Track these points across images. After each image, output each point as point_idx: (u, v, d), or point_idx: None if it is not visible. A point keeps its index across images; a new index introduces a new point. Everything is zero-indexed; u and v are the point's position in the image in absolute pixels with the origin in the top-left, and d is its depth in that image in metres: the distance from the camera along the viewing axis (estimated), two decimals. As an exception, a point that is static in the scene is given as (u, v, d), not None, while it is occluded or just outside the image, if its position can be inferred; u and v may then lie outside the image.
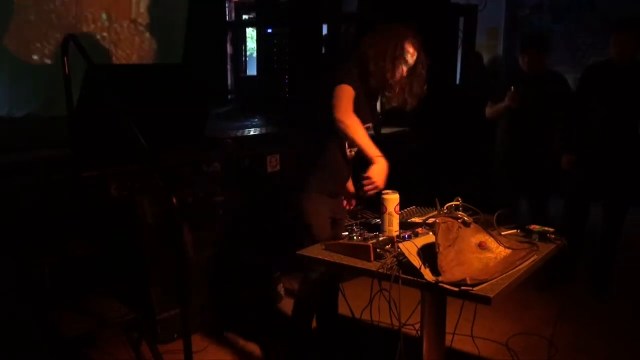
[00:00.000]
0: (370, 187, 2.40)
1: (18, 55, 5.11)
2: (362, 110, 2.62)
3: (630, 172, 3.81)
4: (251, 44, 7.52)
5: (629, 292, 4.05)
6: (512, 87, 3.95)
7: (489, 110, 4.26)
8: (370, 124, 2.78)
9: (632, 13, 4.29)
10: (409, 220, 2.48)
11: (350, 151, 2.78)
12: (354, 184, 2.93)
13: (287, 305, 3.82)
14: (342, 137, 2.61)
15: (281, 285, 3.92)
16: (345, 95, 2.52)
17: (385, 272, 2.00)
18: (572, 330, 3.36)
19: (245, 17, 7.63)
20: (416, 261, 1.97)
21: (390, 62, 2.59)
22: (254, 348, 3.28)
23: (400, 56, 2.60)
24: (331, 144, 2.73)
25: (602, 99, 3.78)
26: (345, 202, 2.99)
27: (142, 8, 5.99)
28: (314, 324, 3.01)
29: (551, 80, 4.09)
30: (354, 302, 2.91)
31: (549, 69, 4.19)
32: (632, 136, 3.75)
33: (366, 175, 2.41)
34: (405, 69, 2.64)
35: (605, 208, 3.96)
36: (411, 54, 2.63)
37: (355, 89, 2.55)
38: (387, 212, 2.33)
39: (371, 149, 2.47)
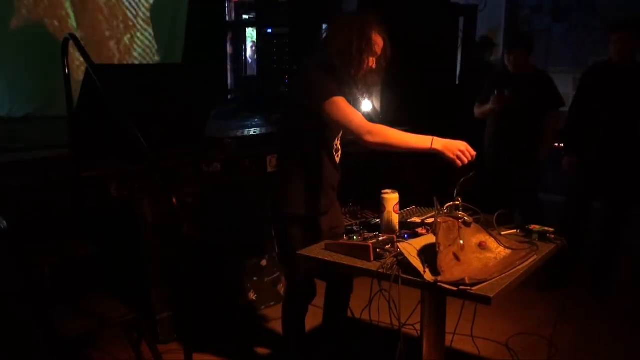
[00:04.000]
0: (468, 159, 2.26)
1: (18, 57, 5.11)
2: None
3: (630, 173, 3.81)
4: (251, 43, 7.52)
5: (629, 292, 4.05)
6: (496, 91, 3.96)
7: (477, 111, 4.28)
8: None
9: (632, 13, 4.29)
10: (408, 220, 2.48)
11: (337, 156, 2.63)
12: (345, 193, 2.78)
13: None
14: (329, 145, 2.50)
15: (281, 285, 3.92)
16: (345, 108, 2.33)
17: (385, 272, 1.99)
18: (572, 330, 3.36)
19: (245, 17, 7.64)
20: (416, 261, 1.97)
21: (358, 56, 2.39)
22: (255, 348, 3.28)
23: (367, 48, 2.40)
24: (317, 151, 2.53)
25: (602, 100, 3.78)
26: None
27: (143, 8, 6.00)
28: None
29: (536, 80, 4.08)
30: (354, 302, 2.91)
31: (534, 69, 4.19)
32: (632, 137, 3.75)
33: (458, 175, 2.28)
34: (373, 60, 2.45)
35: (605, 208, 3.96)
36: (378, 44, 2.44)
37: (340, 94, 2.36)
38: (386, 212, 2.33)
39: (422, 143, 2.26)
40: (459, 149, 2.27)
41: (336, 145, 2.60)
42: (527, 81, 4.02)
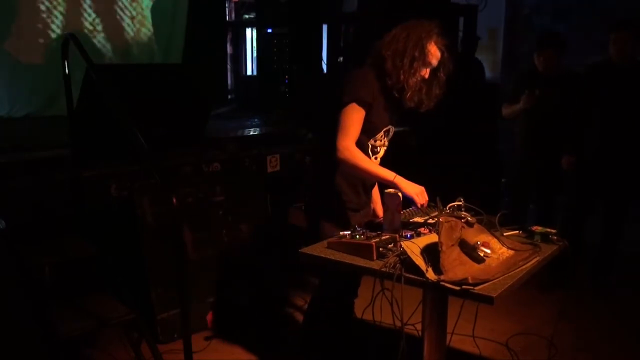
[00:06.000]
0: (423, 204, 2.40)
1: (18, 58, 5.12)
2: (381, 116, 2.52)
3: (630, 172, 3.81)
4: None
5: (629, 292, 4.05)
6: (526, 90, 3.91)
7: (505, 111, 4.21)
8: (389, 127, 2.62)
9: (632, 13, 4.28)
10: (411, 220, 2.47)
11: (375, 158, 2.62)
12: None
13: (287, 305, 3.82)
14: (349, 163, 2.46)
15: (281, 285, 3.91)
16: (353, 119, 2.40)
17: (387, 271, 1.99)
18: (572, 330, 3.36)
19: (245, 17, 7.64)
20: (418, 260, 1.97)
21: (409, 63, 2.40)
22: (254, 348, 3.28)
23: (421, 58, 2.40)
24: None
25: (602, 100, 3.78)
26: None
27: (143, 8, 5.99)
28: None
29: (567, 80, 4.02)
30: (355, 301, 2.90)
31: (565, 69, 4.12)
32: (632, 136, 3.75)
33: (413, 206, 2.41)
34: (426, 71, 2.45)
35: (605, 208, 3.96)
36: (434, 55, 2.43)
37: (368, 101, 2.41)
38: (389, 211, 2.32)
39: (387, 175, 2.40)
40: (418, 190, 2.41)
41: (372, 145, 2.58)
42: (557, 82, 3.96)
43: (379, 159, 2.64)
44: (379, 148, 2.62)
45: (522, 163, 4.22)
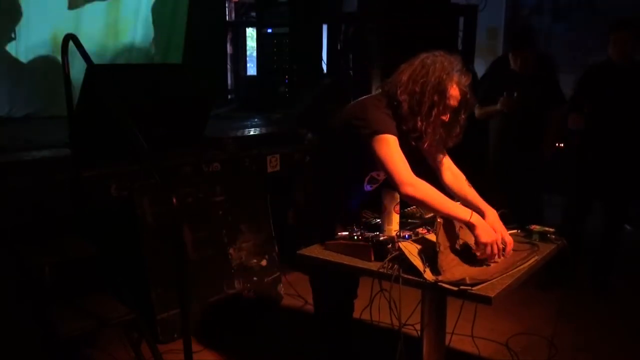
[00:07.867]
0: (492, 258, 2.05)
1: (18, 58, 5.13)
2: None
3: (630, 173, 3.81)
4: (251, 43, 7.53)
5: (629, 292, 4.05)
6: (505, 93, 3.89)
7: (478, 112, 4.18)
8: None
9: (632, 13, 4.28)
10: (409, 220, 2.48)
11: (372, 187, 2.51)
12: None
13: (286, 305, 3.82)
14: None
15: (281, 285, 3.92)
16: (394, 150, 2.13)
17: (385, 271, 1.99)
18: (572, 330, 3.36)
19: (245, 17, 7.64)
20: (416, 261, 1.97)
21: (427, 110, 2.15)
22: (254, 348, 3.28)
23: (441, 103, 2.15)
24: (346, 177, 2.45)
25: (602, 100, 3.78)
26: None
27: (143, 8, 5.99)
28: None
29: (540, 78, 4.02)
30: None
31: (538, 67, 4.11)
32: (632, 137, 3.75)
33: (478, 251, 2.05)
34: (447, 116, 2.20)
35: (605, 206, 3.96)
36: (455, 99, 2.18)
37: (395, 133, 2.17)
38: (387, 212, 2.32)
39: (461, 213, 2.08)
40: (491, 240, 2.06)
41: (374, 177, 2.48)
42: (531, 81, 3.97)
43: (374, 187, 2.54)
44: (380, 178, 2.51)
45: (499, 163, 4.20)
